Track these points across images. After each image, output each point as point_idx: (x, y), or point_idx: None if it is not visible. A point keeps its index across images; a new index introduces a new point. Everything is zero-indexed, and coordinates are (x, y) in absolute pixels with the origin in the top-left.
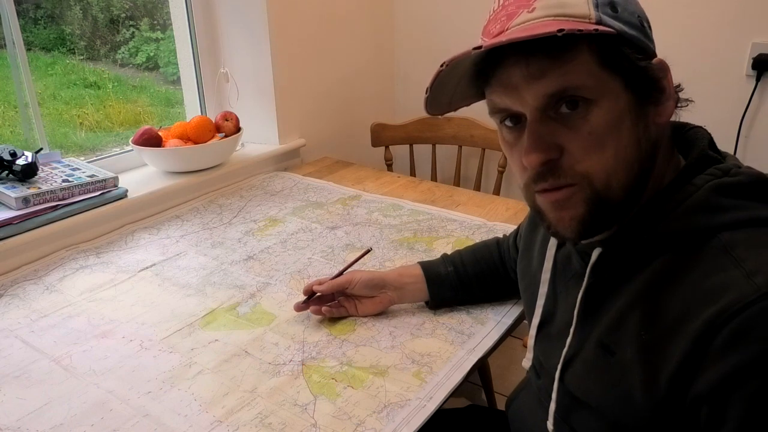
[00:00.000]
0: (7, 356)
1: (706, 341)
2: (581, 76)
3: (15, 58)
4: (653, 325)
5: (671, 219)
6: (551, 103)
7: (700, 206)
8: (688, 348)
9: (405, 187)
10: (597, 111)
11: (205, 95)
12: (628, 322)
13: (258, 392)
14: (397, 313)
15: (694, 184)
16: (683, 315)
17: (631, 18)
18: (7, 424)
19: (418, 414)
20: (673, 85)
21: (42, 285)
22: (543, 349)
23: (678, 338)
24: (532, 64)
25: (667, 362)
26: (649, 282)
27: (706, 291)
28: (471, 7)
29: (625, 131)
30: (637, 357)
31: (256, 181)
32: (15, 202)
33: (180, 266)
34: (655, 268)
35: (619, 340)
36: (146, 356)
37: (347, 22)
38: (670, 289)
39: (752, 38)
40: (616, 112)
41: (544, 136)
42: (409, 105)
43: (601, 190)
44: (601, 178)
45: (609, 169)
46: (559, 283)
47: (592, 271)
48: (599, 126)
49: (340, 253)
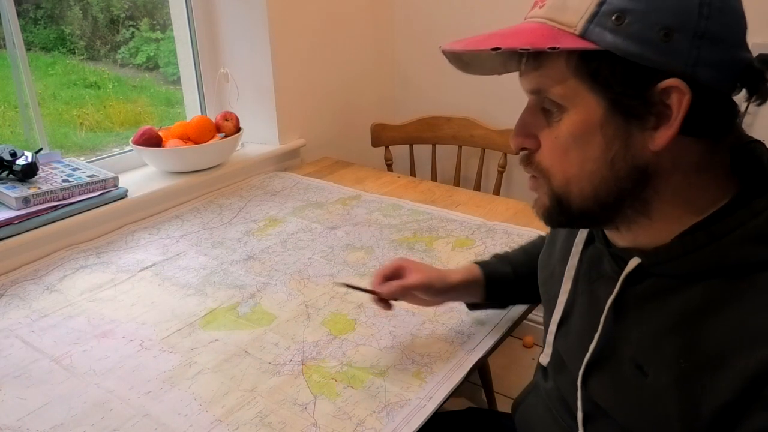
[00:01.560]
0: (7, 356)
1: (760, 383)
2: (552, 81)
3: (15, 58)
4: (694, 354)
5: (723, 244)
6: (538, 98)
7: (756, 235)
8: (738, 387)
9: (405, 187)
10: (566, 119)
11: (205, 95)
12: (665, 346)
13: (258, 392)
14: (397, 313)
15: (751, 210)
16: (732, 349)
17: (643, 31)
18: (7, 424)
19: (418, 414)
20: (681, 112)
21: (42, 285)
22: (564, 347)
23: (725, 373)
24: (525, 60)
25: (711, 395)
26: (691, 307)
27: (759, 328)
28: (471, 7)
29: (595, 146)
30: (674, 384)
31: (256, 181)
32: (15, 202)
33: (180, 266)
34: (698, 292)
35: (654, 363)
36: (146, 356)
37: (347, 22)
38: (716, 319)
39: (752, 38)
40: (584, 125)
41: (526, 125)
42: (409, 105)
43: (557, 191)
44: (559, 181)
45: (569, 175)
46: (582, 282)
47: (626, 279)
48: (564, 133)
49: (340, 253)
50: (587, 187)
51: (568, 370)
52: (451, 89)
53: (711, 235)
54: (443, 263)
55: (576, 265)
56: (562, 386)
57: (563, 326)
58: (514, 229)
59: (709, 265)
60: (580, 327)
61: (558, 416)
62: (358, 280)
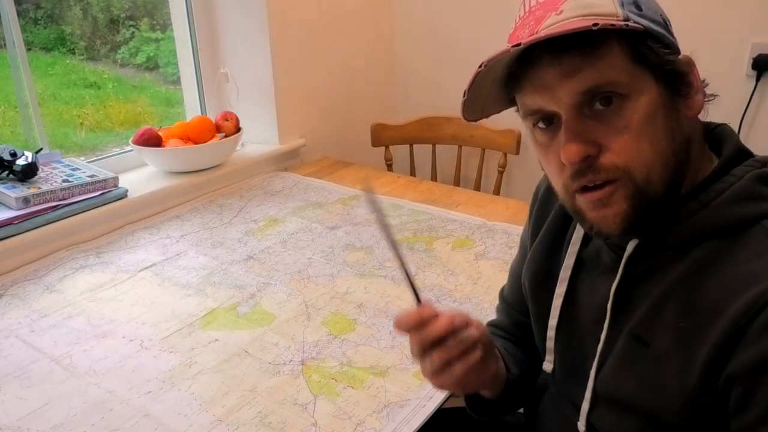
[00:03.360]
0: (7, 356)
1: (745, 322)
2: (614, 71)
3: (15, 58)
4: (692, 312)
5: (712, 208)
6: (586, 101)
7: (742, 195)
8: (726, 329)
9: (405, 187)
10: (631, 105)
11: (205, 95)
12: (664, 312)
13: (258, 391)
14: (397, 312)
15: (734, 175)
16: (724, 299)
17: (655, 16)
18: (7, 424)
19: (418, 414)
20: (699, 79)
21: (42, 285)
22: (563, 352)
23: (717, 321)
24: (566, 62)
25: (704, 346)
26: (687, 271)
27: (749, 274)
28: (471, 7)
29: (659, 125)
30: (673, 346)
31: (256, 181)
32: (15, 202)
33: (180, 266)
34: (694, 256)
35: (654, 330)
36: (146, 356)
37: (347, 23)
38: (710, 276)
39: (752, 38)
40: (649, 106)
41: (580, 132)
42: (409, 105)
43: (641, 184)
44: (642, 172)
45: (648, 162)
46: (582, 282)
47: (627, 263)
48: (634, 120)
49: (340, 253)
50: (661, 171)
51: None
52: (451, 89)
53: (700, 202)
54: (443, 263)
55: (572, 266)
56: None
57: (562, 329)
58: (514, 228)
59: (702, 230)
60: (584, 326)
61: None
62: (358, 279)
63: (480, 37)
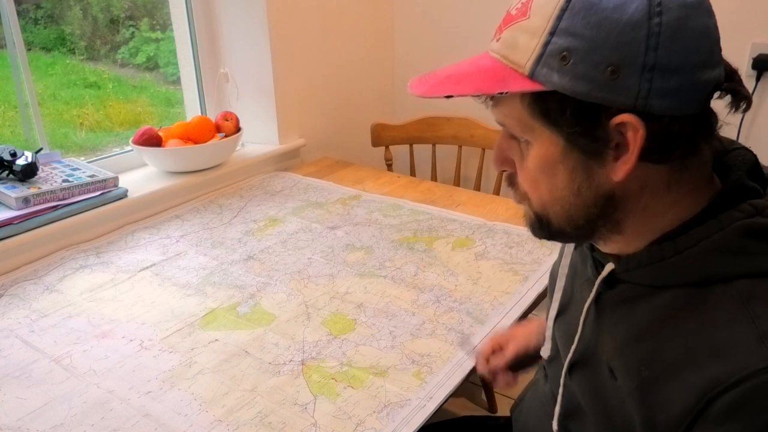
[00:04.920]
0: (7, 356)
1: (707, 401)
2: (511, 119)
3: (15, 58)
4: (653, 363)
5: (686, 256)
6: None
7: (722, 248)
8: (689, 402)
9: (405, 187)
10: (531, 151)
11: (205, 95)
12: (630, 353)
13: (258, 391)
14: (397, 313)
15: (719, 221)
16: (684, 360)
17: (588, 71)
18: (7, 424)
19: (418, 414)
20: (637, 146)
21: (42, 285)
22: (560, 340)
23: (678, 384)
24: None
25: (665, 407)
26: (654, 316)
27: (713, 342)
28: (471, 7)
29: (560, 177)
30: (636, 392)
31: (256, 181)
32: (15, 202)
33: (180, 266)
34: (663, 300)
35: (621, 368)
36: (146, 356)
37: (347, 22)
38: (674, 330)
39: (752, 38)
40: (545, 159)
41: (503, 149)
42: (409, 105)
43: (538, 212)
44: (537, 205)
45: (543, 201)
46: (576, 282)
47: (602, 282)
48: (531, 165)
49: (340, 253)
50: (560, 212)
51: (560, 363)
52: None
53: (675, 246)
54: (443, 263)
55: (569, 264)
56: (553, 379)
57: (559, 319)
58: (514, 229)
59: (672, 277)
60: (570, 323)
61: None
62: (358, 279)
63: (480, 36)
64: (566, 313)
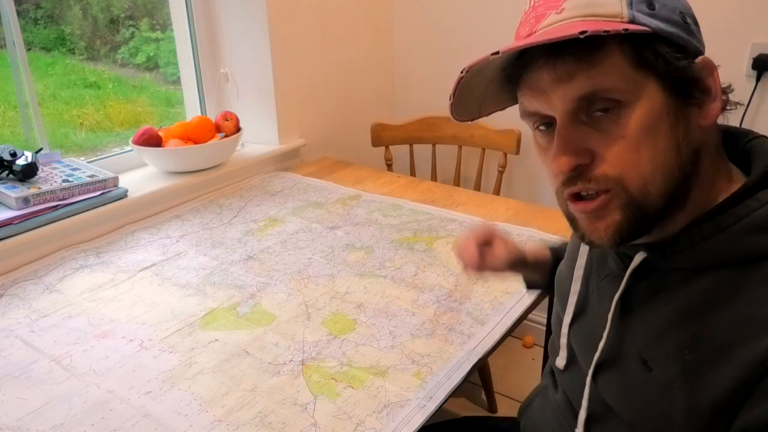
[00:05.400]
0: (7, 356)
1: (764, 371)
2: (612, 77)
3: (15, 58)
4: (699, 346)
5: (729, 234)
6: (582, 107)
7: (764, 224)
8: (741, 375)
9: (405, 187)
10: (631, 114)
11: (205, 95)
12: (670, 340)
13: (258, 391)
14: (397, 313)
15: (758, 200)
16: (736, 339)
17: (670, 15)
18: (7, 424)
19: (418, 414)
20: (719, 85)
21: (42, 285)
22: (576, 346)
23: (728, 363)
24: (560, 67)
25: (713, 387)
26: (696, 298)
27: (764, 316)
28: (471, 7)
29: (663, 135)
30: (679, 377)
31: (256, 181)
32: (15, 202)
33: (180, 266)
34: (704, 284)
35: (659, 357)
36: (146, 356)
37: (347, 22)
38: (720, 310)
39: (752, 38)
40: (651, 114)
41: (573, 140)
42: (409, 105)
43: (637, 196)
44: (637, 184)
45: (645, 174)
46: (592, 282)
47: (632, 275)
48: (633, 130)
49: (340, 253)
50: (662, 185)
51: (579, 369)
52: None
53: (717, 225)
54: (443, 263)
55: (584, 265)
56: (570, 387)
57: (574, 326)
58: (514, 229)
59: (715, 257)
60: (590, 326)
61: (566, 423)
62: (358, 279)
63: (481, 37)
64: (583, 317)
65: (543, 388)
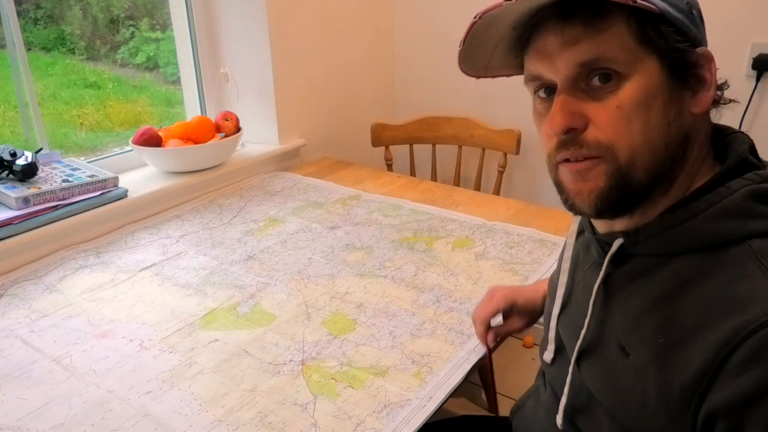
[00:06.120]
0: (7, 356)
1: (727, 353)
2: (615, 47)
3: (15, 58)
4: (671, 330)
5: (699, 220)
6: (583, 74)
7: (732, 210)
8: (707, 357)
9: (405, 187)
10: (628, 86)
11: (205, 95)
12: (645, 324)
13: (258, 391)
14: (397, 313)
15: (729, 187)
16: (703, 321)
17: (678, 2)
18: (7, 423)
19: (418, 414)
20: (715, 77)
21: (42, 285)
22: (565, 336)
23: (696, 345)
24: (568, 31)
25: (682, 369)
26: (669, 283)
27: (730, 298)
28: (471, 8)
29: (655, 111)
30: (652, 362)
31: (256, 181)
32: (15, 202)
33: (180, 266)
34: (677, 268)
35: (635, 343)
36: (146, 356)
37: (347, 22)
38: (691, 294)
39: (752, 38)
40: (647, 90)
41: (571, 104)
42: (409, 105)
43: (623, 165)
44: (626, 153)
45: (635, 145)
46: (578, 273)
47: (611, 261)
48: (628, 100)
49: (340, 253)
50: (648, 159)
51: (565, 360)
52: (451, 89)
53: (688, 212)
54: (443, 263)
55: (571, 257)
56: (556, 379)
57: (562, 317)
58: (514, 228)
59: (685, 242)
60: (575, 315)
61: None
62: (358, 279)
63: None
64: (569, 308)
65: (536, 389)
